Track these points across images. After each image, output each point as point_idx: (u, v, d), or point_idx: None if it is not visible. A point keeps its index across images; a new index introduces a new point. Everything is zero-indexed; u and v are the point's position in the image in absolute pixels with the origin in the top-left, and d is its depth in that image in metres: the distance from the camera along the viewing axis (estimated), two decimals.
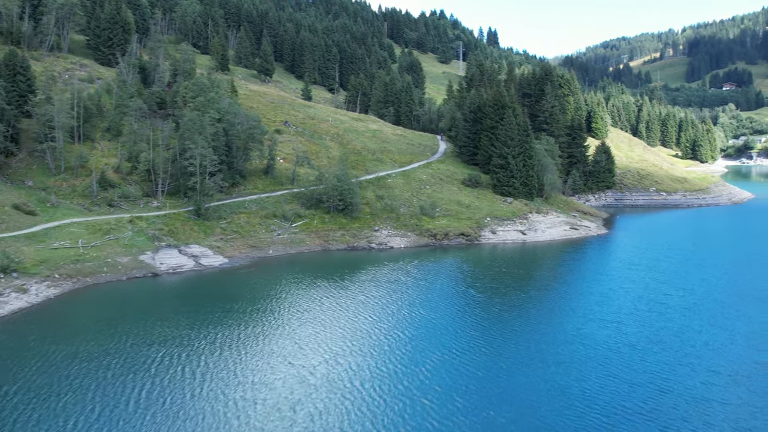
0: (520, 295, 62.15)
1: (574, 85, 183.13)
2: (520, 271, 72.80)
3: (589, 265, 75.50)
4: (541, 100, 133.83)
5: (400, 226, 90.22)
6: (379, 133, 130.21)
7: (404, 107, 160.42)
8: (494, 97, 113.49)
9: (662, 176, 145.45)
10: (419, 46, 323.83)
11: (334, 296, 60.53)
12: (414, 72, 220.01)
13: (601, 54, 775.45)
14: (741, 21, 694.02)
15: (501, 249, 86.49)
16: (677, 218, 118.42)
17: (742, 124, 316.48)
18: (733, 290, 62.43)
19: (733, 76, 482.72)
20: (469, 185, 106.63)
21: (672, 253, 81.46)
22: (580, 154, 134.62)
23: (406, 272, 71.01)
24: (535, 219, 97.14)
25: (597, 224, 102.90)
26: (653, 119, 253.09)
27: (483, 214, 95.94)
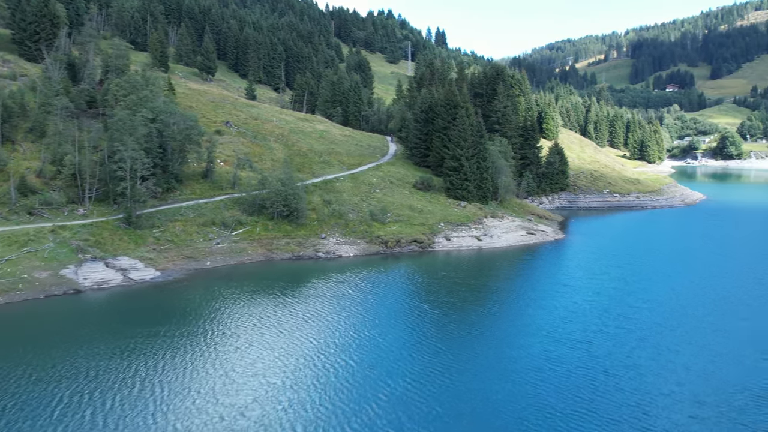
0: (479, 311, 56.86)
1: (524, 85, 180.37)
2: (476, 282, 67.68)
3: (549, 274, 70.95)
4: (493, 100, 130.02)
5: (349, 233, 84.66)
6: (327, 134, 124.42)
7: (352, 107, 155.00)
8: (446, 97, 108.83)
9: (615, 177, 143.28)
10: (367, 46, 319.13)
11: (274, 315, 54.53)
12: (362, 71, 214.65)
13: (547, 56, 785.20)
14: (681, 24, 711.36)
15: (456, 257, 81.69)
16: (633, 221, 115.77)
17: (687, 125, 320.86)
18: (703, 301, 58.74)
19: (675, 78, 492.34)
20: (421, 189, 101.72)
21: (633, 260, 77.93)
22: (534, 155, 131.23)
23: (354, 285, 65.46)
24: (490, 224, 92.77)
25: (553, 228, 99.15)
26: (601, 120, 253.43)
27: (436, 219, 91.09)
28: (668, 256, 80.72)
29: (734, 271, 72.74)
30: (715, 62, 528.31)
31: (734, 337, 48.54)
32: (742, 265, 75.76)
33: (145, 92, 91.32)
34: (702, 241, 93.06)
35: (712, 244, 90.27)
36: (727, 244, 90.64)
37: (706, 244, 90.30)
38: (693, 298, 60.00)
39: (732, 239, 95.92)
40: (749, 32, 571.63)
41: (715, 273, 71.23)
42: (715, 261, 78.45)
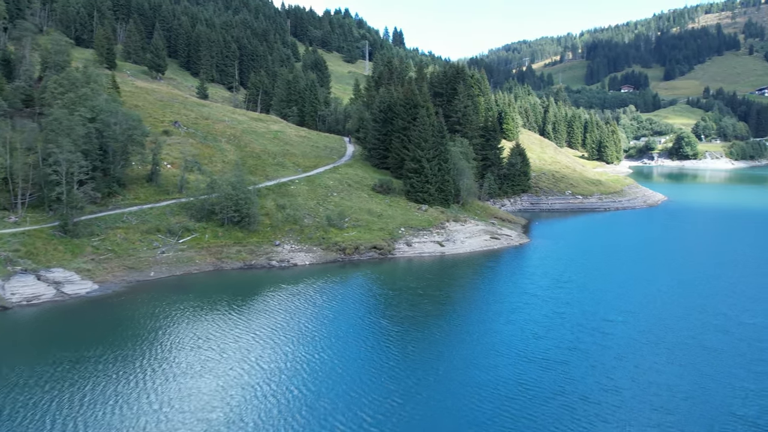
0: (442, 327, 52.31)
1: (484, 84, 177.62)
2: (439, 294, 63.17)
3: (516, 284, 66.90)
4: (453, 100, 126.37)
5: (304, 240, 79.83)
6: (281, 135, 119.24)
7: (308, 107, 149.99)
8: (405, 96, 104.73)
9: (577, 179, 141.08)
10: (324, 45, 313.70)
11: (220, 334, 49.44)
12: (319, 70, 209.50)
13: (504, 57, 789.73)
14: (635, 26, 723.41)
15: (417, 264, 77.53)
16: (596, 223, 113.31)
17: (643, 126, 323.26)
18: (679, 312, 55.49)
19: (630, 79, 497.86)
20: (380, 191, 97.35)
21: (601, 266, 74.83)
22: (495, 156, 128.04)
23: (309, 298, 60.71)
24: (453, 228, 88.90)
25: (517, 232, 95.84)
26: (560, 120, 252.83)
27: (396, 223, 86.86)
28: (637, 262, 77.79)
29: (706, 277, 70.04)
30: (669, 64, 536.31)
31: (717, 353, 45.21)
32: (713, 271, 73.20)
33: (85, 90, 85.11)
34: (669, 245, 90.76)
35: (680, 248, 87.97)
36: (695, 248, 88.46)
37: (674, 248, 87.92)
38: (668, 308, 56.67)
39: (698, 242, 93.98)
40: (700, 35, 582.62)
41: (687, 280, 68.30)
42: (684, 266, 75.79)
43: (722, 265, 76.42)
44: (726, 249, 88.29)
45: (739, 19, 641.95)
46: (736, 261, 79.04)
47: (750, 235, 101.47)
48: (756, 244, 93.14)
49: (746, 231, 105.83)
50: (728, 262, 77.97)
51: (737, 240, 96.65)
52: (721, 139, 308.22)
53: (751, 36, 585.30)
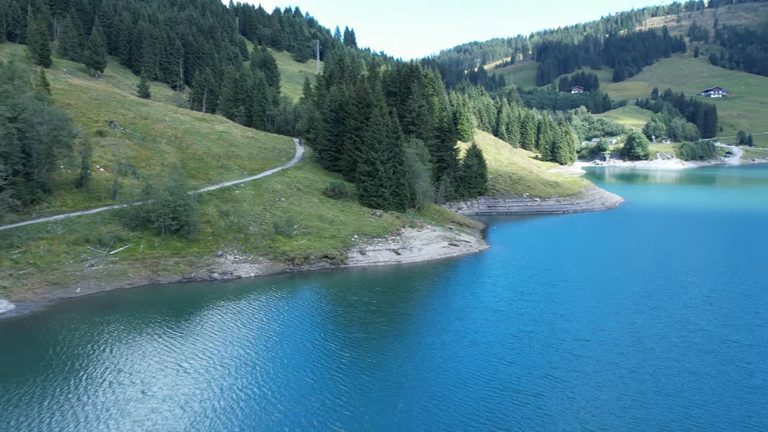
0: (399, 352, 46.27)
1: (438, 84, 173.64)
2: (395, 311, 57.43)
3: (477, 297, 61.47)
4: (407, 99, 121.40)
5: (249, 250, 73.65)
6: (227, 136, 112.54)
7: (256, 106, 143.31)
8: (358, 94, 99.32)
9: (534, 181, 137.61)
10: (274, 44, 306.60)
11: (145, 365, 43.11)
12: (268, 69, 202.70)
13: (455, 58, 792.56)
14: (584, 29, 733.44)
15: (372, 274, 72.10)
16: (556, 227, 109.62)
17: (594, 126, 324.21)
18: (657, 330, 51.04)
19: (580, 81, 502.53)
20: (331, 196, 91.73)
21: (566, 275, 70.31)
22: (451, 157, 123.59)
23: (251, 316, 54.73)
24: (409, 235, 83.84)
25: (476, 238, 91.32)
26: (513, 121, 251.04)
27: (349, 230, 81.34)
28: (603, 270, 73.58)
29: (678, 285, 66.28)
30: (617, 65, 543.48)
31: (705, 379, 40.82)
32: (685, 279, 69.59)
33: (7, 87, 77.31)
34: (634, 250, 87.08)
35: (646, 254, 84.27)
36: (661, 254, 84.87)
37: (640, 254, 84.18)
38: (644, 324, 52.19)
39: (663, 247, 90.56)
40: (647, 37, 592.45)
41: (659, 290, 64.27)
42: (654, 274, 71.97)
43: (693, 271, 72.97)
44: (693, 254, 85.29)
45: (684, 22, 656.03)
46: (706, 267, 75.77)
47: (714, 238, 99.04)
48: (721, 247, 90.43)
49: (709, 234, 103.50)
50: (698, 269, 74.62)
51: (702, 244, 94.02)
52: (671, 139, 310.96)
53: (695, 39, 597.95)
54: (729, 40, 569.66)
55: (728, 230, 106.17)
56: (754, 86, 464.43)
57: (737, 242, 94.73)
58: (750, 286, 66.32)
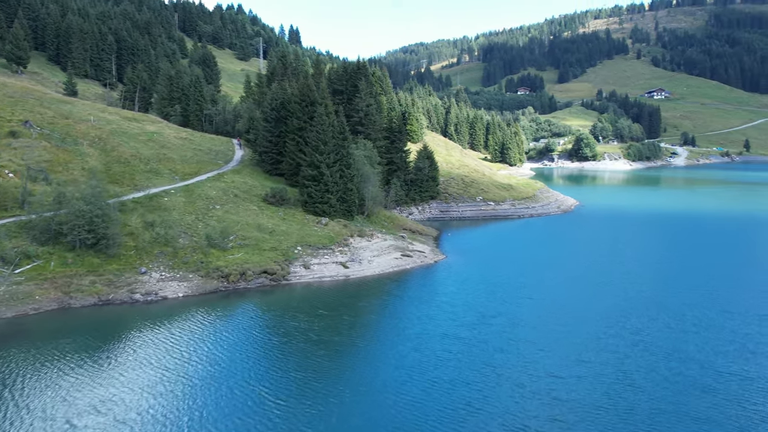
0: (346, 398, 38.49)
1: (386, 83, 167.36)
2: (341, 340, 49.52)
3: (435, 322, 53.50)
4: (354, 98, 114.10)
5: (178, 265, 65.16)
6: (158, 137, 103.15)
7: (193, 105, 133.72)
8: (301, 92, 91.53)
9: (487, 183, 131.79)
10: (215, 42, 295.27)
11: (52, 412, 34.92)
12: (207, 66, 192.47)
13: (402, 58, 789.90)
14: (528, 30, 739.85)
15: (316, 291, 64.43)
16: (512, 233, 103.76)
17: (542, 127, 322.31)
18: (643, 360, 44.30)
19: (526, 82, 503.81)
20: (272, 203, 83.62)
21: (533, 292, 63.58)
22: (401, 159, 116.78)
23: (175, 347, 46.50)
24: (358, 245, 76.49)
25: (430, 247, 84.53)
26: (461, 122, 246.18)
27: (292, 241, 73.50)
28: (570, 284, 67.39)
29: (653, 303, 60.62)
30: (562, 67, 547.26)
31: (711, 426, 34.69)
32: (659, 294, 64.13)
33: None
34: (599, 259, 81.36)
35: (612, 263, 78.65)
36: (627, 262, 79.48)
37: (605, 263, 78.48)
38: (628, 354, 45.50)
39: (628, 254, 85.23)
40: (591, 39, 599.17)
41: (636, 309, 58.31)
42: (625, 287, 66.29)
43: (666, 283, 67.59)
44: (661, 262, 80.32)
45: (626, 25, 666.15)
46: (678, 277, 70.52)
47: (678, 244, 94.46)
48: (689, 254, 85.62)
49: (672, 239, 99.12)
50: (671, 280, 69.31)
51: (667, 250, 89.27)
52: (618, 140, 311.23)
53: (638, 41, 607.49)
54: (670, 42, 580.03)
55: (689, 234, 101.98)
56: (695, 88, 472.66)
57: (702, 248, 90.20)
58: (726, 299, 61.21)
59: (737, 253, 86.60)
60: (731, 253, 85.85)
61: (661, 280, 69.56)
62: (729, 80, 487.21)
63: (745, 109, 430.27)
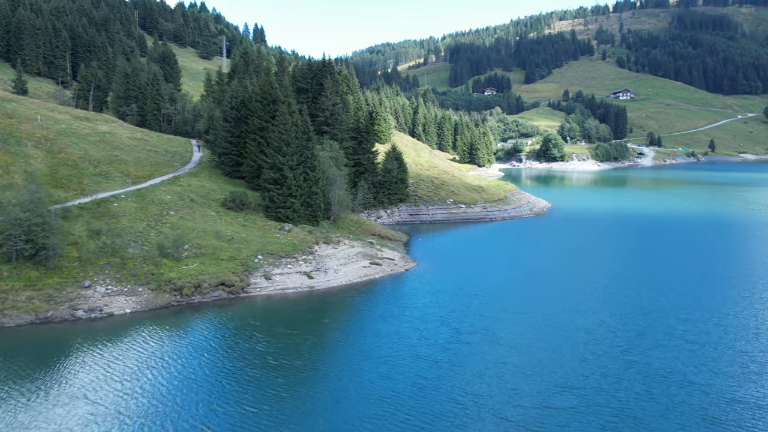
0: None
1: (353, 82, 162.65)
2: (302, 364, 44.33)
3: (407, 341, 48.34)
4: (320, 97, 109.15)
5: (126, 278, 59.65)
6: (111, 137, 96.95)
7: (150, 104, 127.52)
8: (263, 90, 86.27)
9: (458, 185, 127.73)
10: (177, 40, 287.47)
11: None
12: (167, 64, 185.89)
13: (368, 58, 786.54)
14: (494, 31, 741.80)
15: (278, 305, 59.42)
16: (485, 237, 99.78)
17: (509, 128, 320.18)
18: (639, 387, 39.97)
19: (493, 82, 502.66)
20: (231, 208, 78.31)
21: (510, 305, 59.10)
22: (369, 161, 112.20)
23: (113, 375, 41.31)
24: (323, 253, 71.60)
25: (401, 254, 79.98)
26: (430, 122, 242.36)
27: (252, 250, 68.36)
28: (549, 295, 63.27)
29: (640, 314, 56.91)
30: (529, 67, 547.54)
31: None
32: (644, 305, 60.45)
33: None
34: (577, 266, 77.53)
35: (592, 271, 74.80)
36: (611, 271, 75.88)
37: (585, 271, 74.56)
38: (621, 379, 41.24)
39: (610, 261, 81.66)
40: (557, 40, 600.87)
41: (622, 324, 54.44)
42: (608, 300, 62.59)
43: (651, 293, 63.88)
44: (642, 267, 76.85)
45: (591, 26, 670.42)
46: (664, 286, 66.88)
47: (659, 247, 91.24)
48: (670, 259, 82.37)
49: (650, 242, 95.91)
50: (657, 289, 65.60)
51: (646, 254, 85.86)
52: (585, 140, 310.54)
53: (603, 42, 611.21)
54: (634, 44, 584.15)
55: (664, 238, 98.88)
56: (660, 89, 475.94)
57: (681, 251, 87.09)
58: (719, 311, 57.77)
59: (715, 256, 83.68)
60: (711, 258, 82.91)
61: (646, 288, 65.88)
62: (693, 81, 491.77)
63: (708, 109, 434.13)
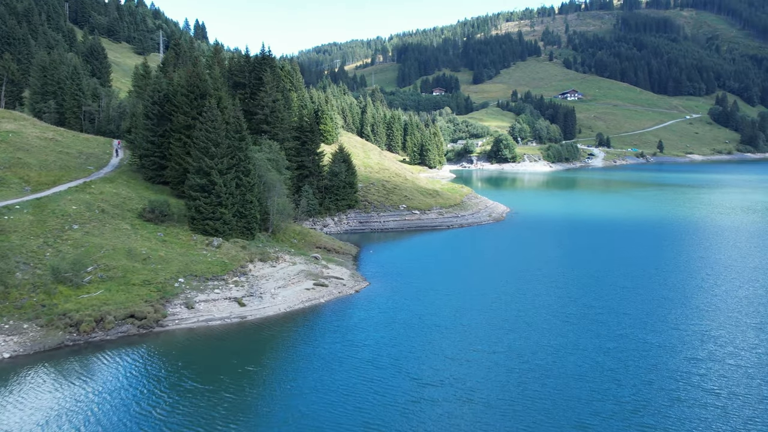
0: None
1: (297, 78, 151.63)
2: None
3: (356, 393, 38.41)
4: (259, 92, 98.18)
5: (9, 312, 47.74)
6: (15, 137, 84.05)
7: (70, 101, 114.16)
8: (190, 82, 74.83)
9: (411, 189, 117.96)
10: (111, 34, 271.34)
11: None
12: (95, 59, 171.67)
13: (315, 58, 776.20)
14: (442, 32, 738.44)
15: (200, 342, 48.36)
16: (444, 247, 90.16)
17: (459, 128, 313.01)
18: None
19: (441, 82, 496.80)
20: (150, 219, 66.69)
21: (479, 341, 49.38)
22: (314, 163, 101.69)
23: None
24: (259, 273, 60.81)
25: (349, 270, 69.58)
26: (378, 122, 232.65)
27: (173, 271, 57.12)
28: (523, 322, 53.88)
29: (635, 348, 48.09)
30: (477, 68, 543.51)
31: None
32: (633, 333, 51.72)
33: None
34: (550, 283, 68.49)
35: (569, 286, 66.08)
36: (586, 285, 67.15)
37: (562, 287, 65.80)
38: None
39: (583, 274, 72.88)
40: (504, 40, 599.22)
41: (612, 360, 45.70)
42: (597, 320, 53.70)
43: (633, 318, 55.21)
44: (621, 283, 68.25)
45: (537, 27, 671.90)
46: (646, 307, 58.44)
47: (631, 256, 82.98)
48: (646, 269, 74.09)
49: (621, 250, 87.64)
50: (639, 312, 57.11)
51: (623, 264, 77.40)
52: (536, 141, 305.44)
53: (549, 43, 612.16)
54: (580, 45, 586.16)
55: (638, 243, 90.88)
56: (607, 89, 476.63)
57: (655, 259, 79.06)
58: (709, 333, 49.42)
59: (681, 261, 75.95)
60: (675, 262, 75.12)
61: (630, 314, 57.24)
62: (638, 82, 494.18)
63: (655, 110, 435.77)
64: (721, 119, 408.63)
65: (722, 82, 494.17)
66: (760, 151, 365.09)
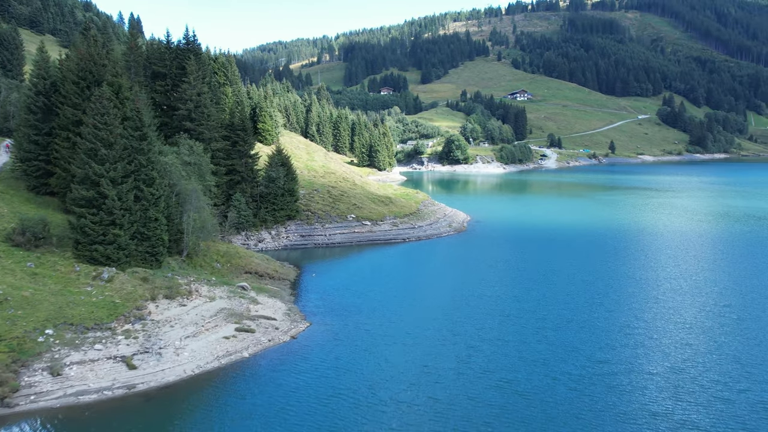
0: None
1: (232, 71, 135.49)
2: None
3: None
4: (181, 84, 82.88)
5: None
6: None
7: None
8: (81, 66, 59.12)
9: (360, 196, 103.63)
10: (33, 26, 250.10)
11: None
12: (5, 49, 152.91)
13: (259, 57, 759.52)
14: (389, 31, 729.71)
15: (70, 428, 33.53)
16: (400, 266, 76.29)
17: (409, 128, 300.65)
18: None
19: (389, 82, 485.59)
20: (20, 244, 50.59)
21: (454, 407, 36.31)
22: (247, 167, 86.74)
23: None
24: (162, 316, 45.74)
25: (285, 305, 54.89)
26: (324, 121, 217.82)
27: (38, 319, 41.59)
28: (501, 377, 40.73)
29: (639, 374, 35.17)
30: (425, 67, 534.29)
31: None
32: (639, 363, 38.87)
33: None
34: (530, 313, 55.36)
35: (550, 312, 53.01)
36: (570, 308, 54.16)
37: (543, 314, 52.69)
38: None
39: (567, 295, 59.95)
40: (452, 40, 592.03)
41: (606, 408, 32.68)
42: (583, 375, 40.70)
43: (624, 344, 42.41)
44: (606, 304, 55.48)
45: (484, 28, 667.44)
46: (638, 331, 45.75)
47: (613, 269, 70.65)
48: (631, 286, 61.76)
49: (603, 262, 75.26)
50: (631, 339, 44.39)
51: (607, 279, 64.80)
52: (489, 142, 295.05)
53: (497, 44, 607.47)
54: (528, 45, 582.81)
55: (615, 256, 78.80)
56: (556, 90, 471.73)
57: (639, 275, 66.89)
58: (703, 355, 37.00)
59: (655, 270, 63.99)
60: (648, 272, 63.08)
61: (624, 336, 44.44)
62: (587, 83, 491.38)
63: (604, 111, 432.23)
64: (670, 120, 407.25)
65: (669, 83, 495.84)
66: (708, 151, 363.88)
